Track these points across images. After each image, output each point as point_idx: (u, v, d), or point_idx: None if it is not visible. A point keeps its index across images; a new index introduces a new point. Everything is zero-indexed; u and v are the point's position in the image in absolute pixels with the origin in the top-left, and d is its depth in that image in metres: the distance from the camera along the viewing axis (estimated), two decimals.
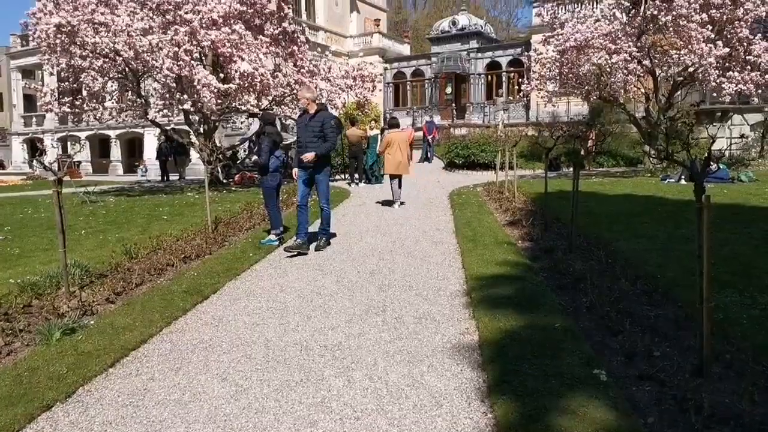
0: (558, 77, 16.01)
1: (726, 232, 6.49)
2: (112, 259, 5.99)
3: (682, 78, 14.64)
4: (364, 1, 37.60)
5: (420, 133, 23.93)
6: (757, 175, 12.99)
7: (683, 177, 12.28)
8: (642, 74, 15.11)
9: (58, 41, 13.04)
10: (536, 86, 16.39)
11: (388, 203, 10.80)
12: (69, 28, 12.66)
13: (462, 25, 32.53)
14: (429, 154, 22.15)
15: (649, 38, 13.73)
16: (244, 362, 3.50)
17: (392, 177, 10.61)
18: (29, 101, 36.38)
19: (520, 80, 22.06)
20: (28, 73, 37.44)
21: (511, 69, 30.75)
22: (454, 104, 31.83)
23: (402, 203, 10.57)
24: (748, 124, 20.85)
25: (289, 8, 17.18)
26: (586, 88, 15.50)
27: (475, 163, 18.52)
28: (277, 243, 7.08)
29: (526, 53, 27.83)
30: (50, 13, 12.88)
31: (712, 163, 3.17)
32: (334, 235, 7.49)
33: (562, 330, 3.72)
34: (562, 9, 18.84)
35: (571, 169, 7.17)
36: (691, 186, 3.01)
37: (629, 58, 13.60)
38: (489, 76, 31.70)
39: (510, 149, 11.99)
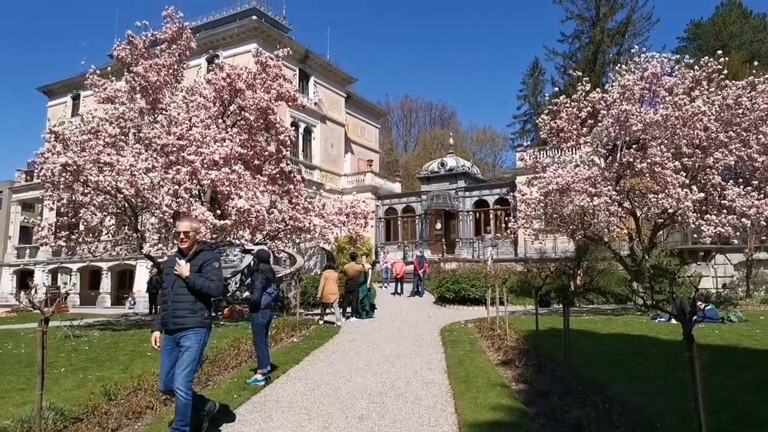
0: (543, 216, 16.57)
1: (722, 376, 6.39)
2: (90, 400, 5.74)
3: (662, 220, 15.20)
4: (358, 144, 40.04)
5: (411, 267, 24.21)
6: (746, 315, 13.02)
7: (674, 316, 12.26)
8: (624, 215, 15.70)
9: (62, 179, 13.48)
10: (523, 224, 16.90)
11: (378, 340, 10.67)
12: (75, 167, 13.16)
13: (450, 167, 34.33)
14: (420, 288, 22.20)
15: (627, 182, 14.46)
16: None
17: (325, 304, 14.17)
18: (25, 232, 36.86)
19: (507, 218, 22.75)
20: (27, 206, 38.40)
21: (498, 207, 31.92)
22: (443, 239, 32.56)
23: (347, 318, 13.88)
24: (731, 264, 21.31)
25: (287, 150, 18.18)
26: (571, 227, 16.00)
27: (465, 298, 18.49)
28: (263, 383, 6.87)
29: (511, 193, 29.24)
30: (58, 154, 13.48)
31: (699, 307, 3.25)
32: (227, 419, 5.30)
33: None
34: (543, 154, 20.08)
35: (561, 305, 7.22)
36: None
37: (610, 201, 14.21)
38: (477, 213, 32.80)
39: (500, 285, 12.07)
